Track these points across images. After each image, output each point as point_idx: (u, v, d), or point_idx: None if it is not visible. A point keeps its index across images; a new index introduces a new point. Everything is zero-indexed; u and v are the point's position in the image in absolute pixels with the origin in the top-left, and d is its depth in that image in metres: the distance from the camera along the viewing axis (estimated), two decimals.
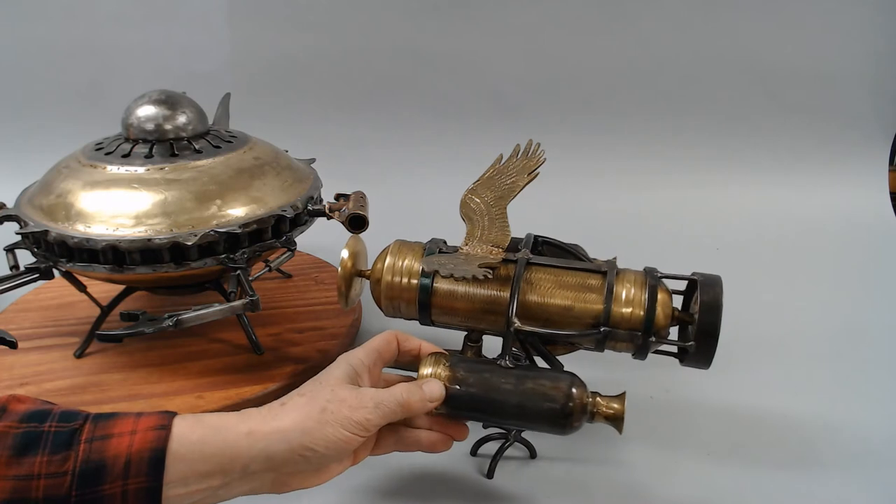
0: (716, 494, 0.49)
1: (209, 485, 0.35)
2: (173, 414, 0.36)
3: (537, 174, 0.50)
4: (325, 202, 0.64)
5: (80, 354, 0.61)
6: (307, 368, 0.60)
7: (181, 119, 0.60)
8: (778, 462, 0.53)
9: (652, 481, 0.50)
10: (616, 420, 0.44)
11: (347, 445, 0.38)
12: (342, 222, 0.59)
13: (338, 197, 0.65)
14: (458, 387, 0.44)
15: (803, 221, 1.03)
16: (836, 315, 0.77)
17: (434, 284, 0.50)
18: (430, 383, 0.43)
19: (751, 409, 0.59)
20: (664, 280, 0.49)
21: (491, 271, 0.47)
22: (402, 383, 0.43)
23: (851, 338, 0.72)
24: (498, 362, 0.45)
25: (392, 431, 0.44)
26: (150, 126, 0.59)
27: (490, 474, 0.50)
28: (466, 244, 0.50)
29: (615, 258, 0.52)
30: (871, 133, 1.12)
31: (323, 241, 0.75)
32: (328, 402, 0.38)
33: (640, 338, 0.47)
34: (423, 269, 0.49)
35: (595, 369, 0.54)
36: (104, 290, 0.62)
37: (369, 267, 0.53)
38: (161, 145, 0.58)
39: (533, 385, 0.44)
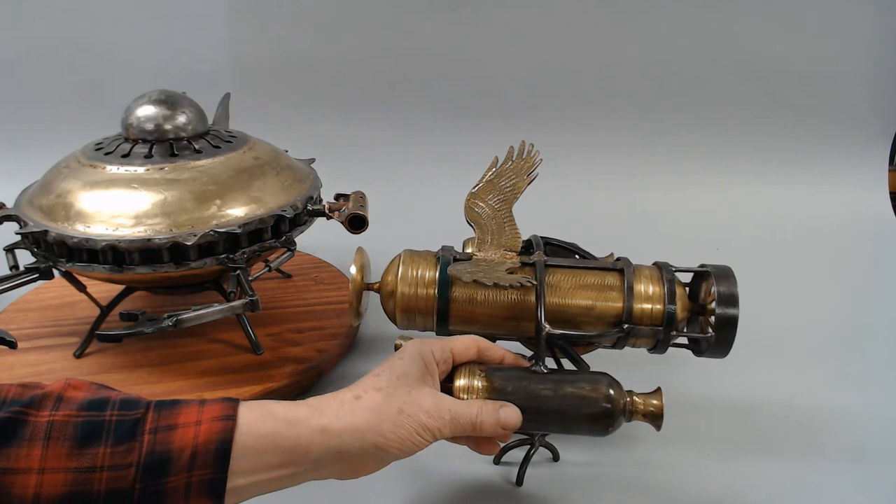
0: (730, 491, 0.50)
1: (279, 474, 0.35)
2: (237, 402, 0.35)
3: (536, 175, 0.50)
4: (324, 202, 0.64)
5: (79, 354, 0.61)
6: (307, 368, 0.60)
7: (181, 119, 0.60)
8: (779, 458, 0.53)
9: (667, 479, 0.51)
10: (656, 417, 0.44)
11: (417, 449, 0.38)
12: (342, 222, 0.59)
13: (337, 197, 0.65)
14: (497, 397, 0.43)
15: (803, 221, 1.03)
16: (837, 314, 0.77)
17: (452, 293, 0.49)
18: (508, 409, 0.42)
19: (753, 406, 0.59)
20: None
21: (532, 278, 0.47)
22: (480, 401, 0.42)
23: (851, 337, 0.72)
24: (533, 368, 0.45)
25: None
26: (149, 126, 0.59)
27: (519, 482, 0.50)
28: (479, 250, 0.50)
29: (612, 254, 0.53)
30: (871, 133, 1.12)
31: (323, 241, 0.75)
32: (405, 405, 0.38)
33: (662, 332, 0.48)
34: (440, 277, 0.48)
35: None
36: (104, 290, 0.62)
37: (372, 278, 0.52)
38: (161, 145, 0.58)
39: (572, 389, 0.43)
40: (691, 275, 0.51)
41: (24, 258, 0.57)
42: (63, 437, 0.32)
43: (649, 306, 0.48)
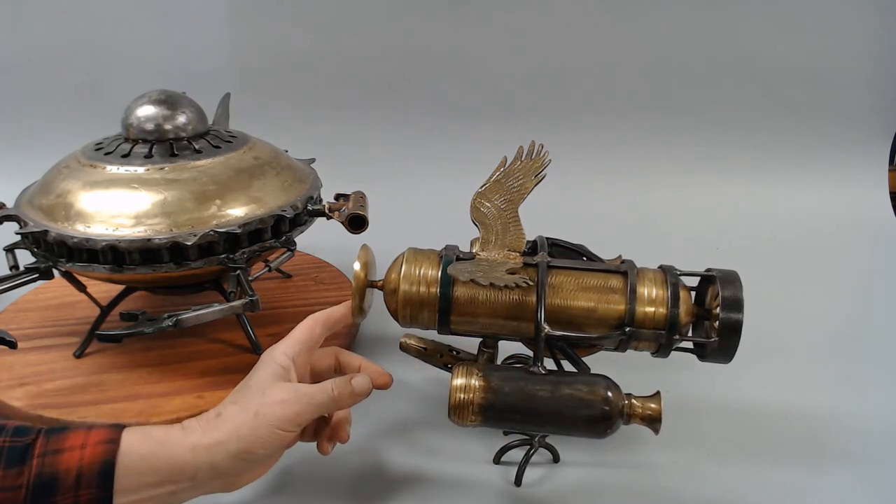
0: (731, 492, 0.50)
1: (160, 492, 0.38)
2: (122, 427, 0.39)
3: (544, 176, 0.50)
4: (324, 202, 0.64)
5: (79, 354, 0.61)
6: None
7: (181, 119, 0.60)
8: (780, 459, 0.53)
9: (667, 481, 0.51)
10: (654, 421, 0.44)
11: (283, 442, 0.41)
12: (342, 222, 0.59)
13: (337, 197, 0.65)
14: (494, 396, 0.43)
15: (803, 221, 1.03)
16: (837, 314, 0.77)
17: (454, 293, 0.49)
18: (359, 378, 0.45)
19: (753, 407, 0.59)
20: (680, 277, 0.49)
21: (529, 279, 0.47)
22: (333, 378, 0.45)
23: (851, 337, 0.72)
24: (531, 369, 0.45)
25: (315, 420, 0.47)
26: (149, 126, 0.59)
27: (518, 482, 0.50)
28: (483, 250, 0.50)
29: (619, 256, 0.53)
30: (871, 133, 1.12)
31: (323, 241, 0.75)
32: (260, 406, 0.41)
33: (665, 336, 0.47)
34: (441, 276, 0.48)
35: None
36: (104, 290, 0.62)
37: (376, 276, 0.52)
38: (161, 145, 0.58)
39: (570, 391, 0.43)
40: (698, 279, 0.51)
41: (24, 258, 0.57)
42: None
43: (652, 309, 0.47)
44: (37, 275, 0.56)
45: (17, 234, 0.56)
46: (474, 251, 0.50)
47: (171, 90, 0.61)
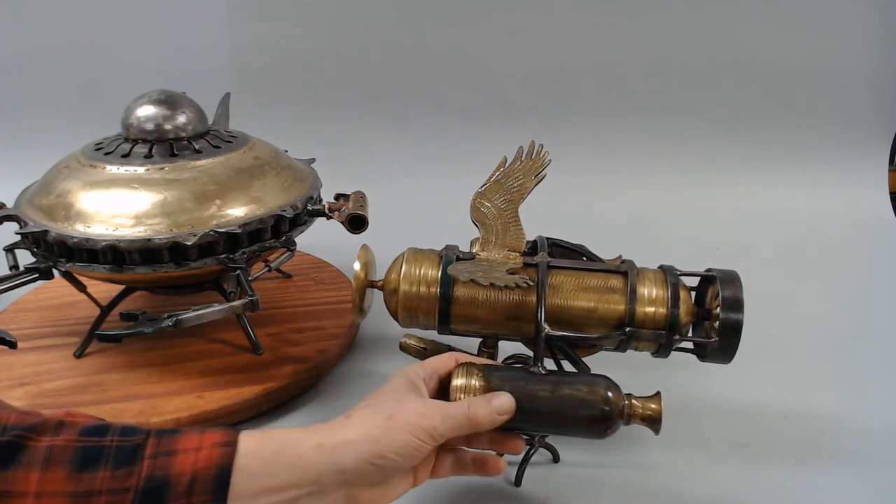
0: (731, 492, 0.50)
1: (279, 499, 0.34)
2: (237, 431, 0.36)
3: (544, 176, 0.50)
4: (324, 202, 0.64)
5: (79, 354, 0.61)
6: (307, 368, 0.60)
7: (181, 119, 0.60)
8: (780, 459, 0.53)
9: (667, 481, 0.51)
10: (654, 421, 0.44)
11: (417, 452, 0.38)
12: (342, 222, 0.59)
13: (337, 197, 0.65)
14: None
15: (803, 221, 1.03)
16: (837, 314, 0.77)
17: (454, 292, 0.49)
18: (500, 396, 0.42)
19: (753, 407, 0.59)
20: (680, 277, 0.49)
21: (530, 279, 0.47)
22: (469, 397, 0.42)
23: (852, 337, 0.72)
24: (531, 369, 0.45)
25: (450, 452, 0.44)
26: (149, 126, 0.59)
27: (518, 482, 0.50)
28: (483, 250, 0.50)
29: (619, 256, 0.53)
30: (871, 133, 1.12)
31: (323, 241, 0.75)
32: (394, 411, 0.38)
33: (665, 336, 0.47)
34: (441, 276, 0.49)
35: None
36: (104, 290, 0.62)
37: (376, 276, 0.52)
38: (161, 145, 0.58)
39: (570, 391, 0.43)
40: (698, 279, 0.51)
41: (24, 258, 0.57)
42: (62, 461, 0.32)
43: (652, 310, 0.47)
44: (37, 275, 0.56)
45: (17, 234, 0.56)
46: (474, 251, 0.50)
47: (171, 90, 0.61)
